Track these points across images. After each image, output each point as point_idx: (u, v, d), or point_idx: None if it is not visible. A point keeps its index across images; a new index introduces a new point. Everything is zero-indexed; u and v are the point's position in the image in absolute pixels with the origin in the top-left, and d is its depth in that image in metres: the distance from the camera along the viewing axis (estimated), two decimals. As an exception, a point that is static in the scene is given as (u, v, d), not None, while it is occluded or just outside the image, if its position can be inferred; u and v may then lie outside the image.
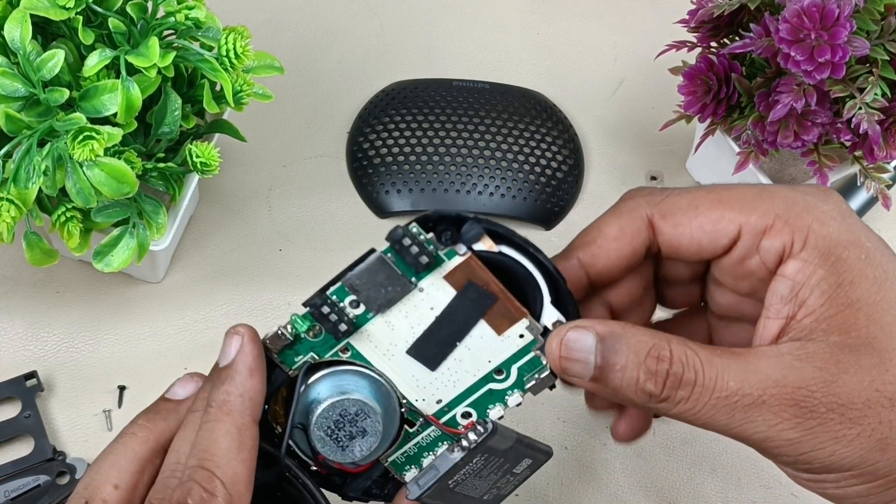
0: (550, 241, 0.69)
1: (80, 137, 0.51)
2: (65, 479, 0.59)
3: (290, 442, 0.45)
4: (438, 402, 0.46)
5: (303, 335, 0.44)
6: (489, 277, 0.43)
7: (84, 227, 0.56)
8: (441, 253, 0.42)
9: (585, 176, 0.73)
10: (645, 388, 0.40)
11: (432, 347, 0.45)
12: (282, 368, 0.45)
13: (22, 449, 0.60)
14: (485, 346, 0.45)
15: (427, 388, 0.46)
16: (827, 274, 0.40)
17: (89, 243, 0.57)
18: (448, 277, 0.43)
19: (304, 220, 0.69)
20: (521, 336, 0.45)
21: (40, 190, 0.52)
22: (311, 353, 0.45)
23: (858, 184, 0.61)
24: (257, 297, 0.66)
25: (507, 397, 0.46)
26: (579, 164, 0.72)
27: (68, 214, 0.55)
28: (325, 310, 0.43)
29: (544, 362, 0.45)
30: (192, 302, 0.65)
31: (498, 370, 0.46)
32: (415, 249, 0.42)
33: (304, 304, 0.44)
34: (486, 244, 0.43)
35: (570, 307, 0.45)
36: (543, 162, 0.71)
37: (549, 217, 0.70)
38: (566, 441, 0.63)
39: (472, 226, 0.42)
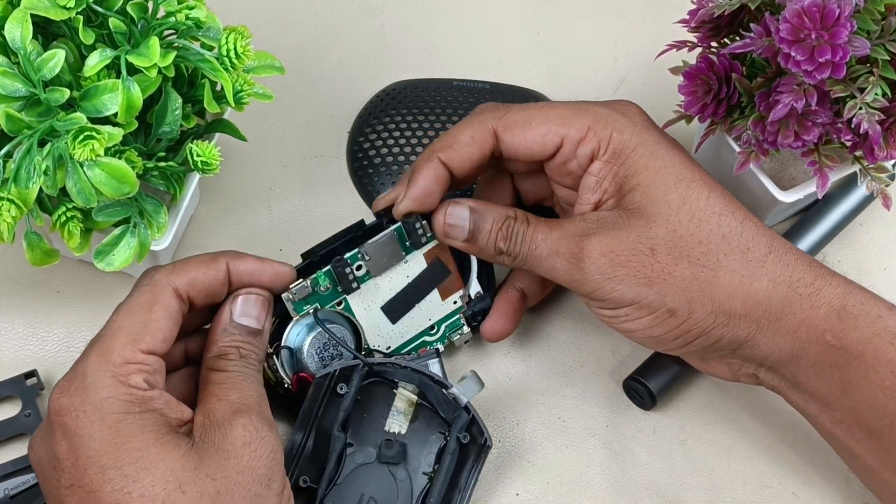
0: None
1: (81, 137, 0.51)
2: (65, 479, 0.59)
3: (278, 362, 0.58)
4: (388, 348, 0.61)
5: (316, 289, 0.58)
6: (450, 257, 0.62)
7: (85, 226, 0.56)
8: (429, 236, 0.60)
9: (585, 176, 0.73)
10: (497, 244, 0.57)
11: (398, 306, 0.61)
12: (291, 314, 0.58)
13: (22, 447, 0.60)
14: (431, 308, 0.62)
15: (384, 337, 0.61)
16: (619, 169, 0.56)
17: (90, 243, 0.57)
18: (426, 254, 0.61)
19: (304, 220, 0.69)
20: (455, 302, 0.62)
21: (41, 190, 0.52)
22: (316, 304, 0.59)
23: (859, 183, 0.61)
24: (257, 296, 0.66)
25: (434, 347, 0.62)
26: (579, 163, 0.73)
27: (69, 214, 0.55)
28: (346, 270, 0.58)
29: (463, 323, 0.63)
30: (192, 302, 0.65)
31: (431, 326, 0.62)
32: (420, 231, 0.59)
33: (332, 262, 0.58)
34: None
35: (490, 281, 0.63)
36: (543, 162, 0.71)
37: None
38: (566, 441, 0.63)
39: None
